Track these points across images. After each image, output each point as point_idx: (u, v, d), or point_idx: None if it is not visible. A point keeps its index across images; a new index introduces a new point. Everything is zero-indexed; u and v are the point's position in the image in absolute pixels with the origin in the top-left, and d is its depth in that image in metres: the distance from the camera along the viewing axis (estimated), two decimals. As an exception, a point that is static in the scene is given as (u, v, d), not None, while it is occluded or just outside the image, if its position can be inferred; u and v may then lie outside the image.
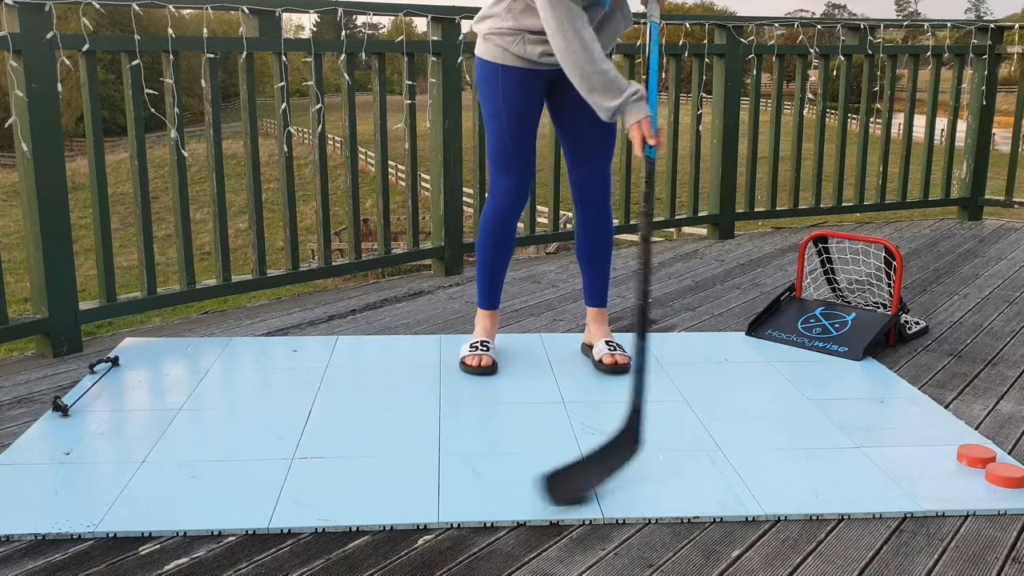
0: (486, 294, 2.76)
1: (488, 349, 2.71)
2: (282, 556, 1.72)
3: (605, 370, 2.65)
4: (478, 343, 2.72)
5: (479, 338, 2.75)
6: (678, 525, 1.84)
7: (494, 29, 2.51)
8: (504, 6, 2.49)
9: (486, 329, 2.77)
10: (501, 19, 2.49)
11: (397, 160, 15.31)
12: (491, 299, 2.77)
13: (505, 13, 2.48)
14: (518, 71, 2.52)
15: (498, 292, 2.77)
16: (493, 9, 2.52)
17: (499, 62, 2.53)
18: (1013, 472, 1.99)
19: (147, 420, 2.31)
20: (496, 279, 2.74)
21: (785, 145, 4.88)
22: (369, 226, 15.86)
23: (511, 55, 2.51)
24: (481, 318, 2.79)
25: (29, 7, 2.72)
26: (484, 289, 2.76)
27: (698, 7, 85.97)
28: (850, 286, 3.50)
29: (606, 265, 2.76)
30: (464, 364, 2.68)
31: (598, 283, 2.77)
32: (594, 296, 2.78)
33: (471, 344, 2.74)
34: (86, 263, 10.34)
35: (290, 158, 3.50)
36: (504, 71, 2.53)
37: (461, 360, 2.70)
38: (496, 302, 2.77)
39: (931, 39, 5.20)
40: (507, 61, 2.52)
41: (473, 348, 2.71)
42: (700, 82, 4.50)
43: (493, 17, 2.52)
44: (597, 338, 2.76)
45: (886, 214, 5.67)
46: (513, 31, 2.48)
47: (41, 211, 2.80)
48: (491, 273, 2.73)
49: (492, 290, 2.76)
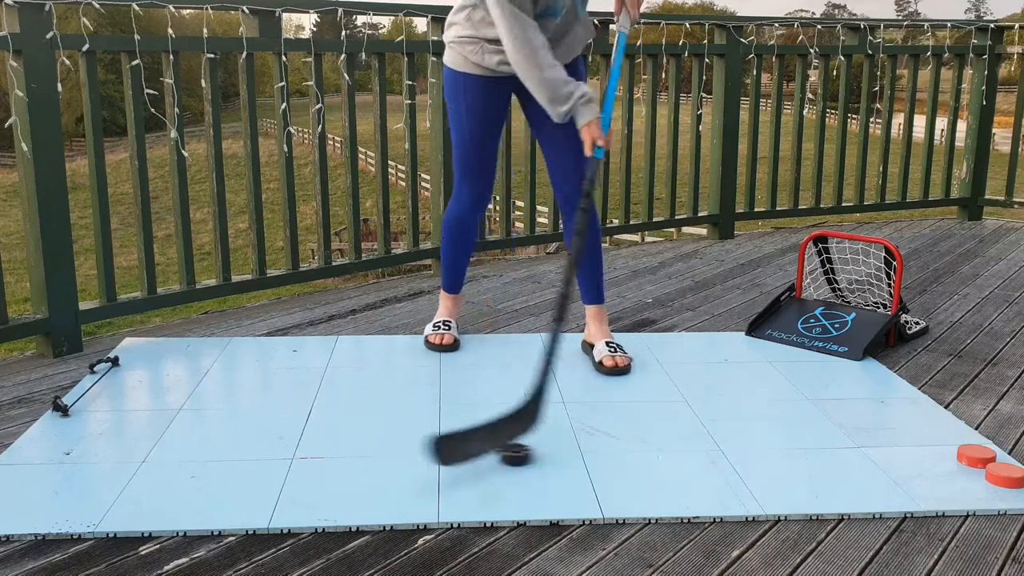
0: (449, 279, 2.97)
1: (450, 328, 2.91)
2: (282, 556, 1.72)
3: (605, 372, 2.67)
4: (440, 323, 2.93)
5: (442, 318, 2.96)
6: (678, 525, 1.84)
7: (455, 37, 2.58)
8: (464, 15, 2.55)
9: (448, 309, 2.99)
10: (462, 27, 2.56)
11: (397, 160, 15.31)
12: (453, 285, 2.98)
13: (465, 21, 2.55)
14: (479, 79, 2.60)
15: (460, 279, 2.98)
16: (455, 17, 2.59)
17: (461, 70, 2.60)
18: (1013, 472, 1.99)
19: (147, 420, 2.31)
20: (458, 269, 2.95)
21: (785, 145, 4.89)
22: (369, 226, 15.87)
23: (471, 63, 2.58)
24: (444, 300, 3.00)
25: (29, 7, 2.72)
26: (447, 275, 2.97)
27: (698, 7, 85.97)
28: (850, 286, 3.50)
29: (597, 261, 2.79)
30: (428, 342, 2.88)
31: (592, 280, 2.80)
32: (589, 293, 2.82)
33: (434, 324, 2.94)
34: (86, 263, 10.33)
35: (290, 158, 3.50)
36: (466, 79, 2.60)
37: (425, 338, 2.90)
38: (458, 287, 2.99)
39: (931, 39, 5.20)
40: (468, 69, 2.59)
41: (436, 327, 2.91)
42: (700, 82, 4.50)
43: (455, 25, 2.59)
44: (597, 338, 2.78)
45: (886, 214, 5.67)
46: (472, 39, 2.55)
47: (41, 211, 2.80)
48: (453, 264, 2.94)
49: (455, 277, 2.97)
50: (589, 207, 2.44)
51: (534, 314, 3.33)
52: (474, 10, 2.52)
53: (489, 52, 2.54)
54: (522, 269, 4.06)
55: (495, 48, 2.52)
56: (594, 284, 2.80)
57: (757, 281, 3.85)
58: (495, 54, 2.53)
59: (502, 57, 2.51)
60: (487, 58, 2.54)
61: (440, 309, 3.00)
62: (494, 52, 2.53)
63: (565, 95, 2.39)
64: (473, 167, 2.72)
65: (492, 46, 2.52)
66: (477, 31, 2.53)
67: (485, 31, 2.52)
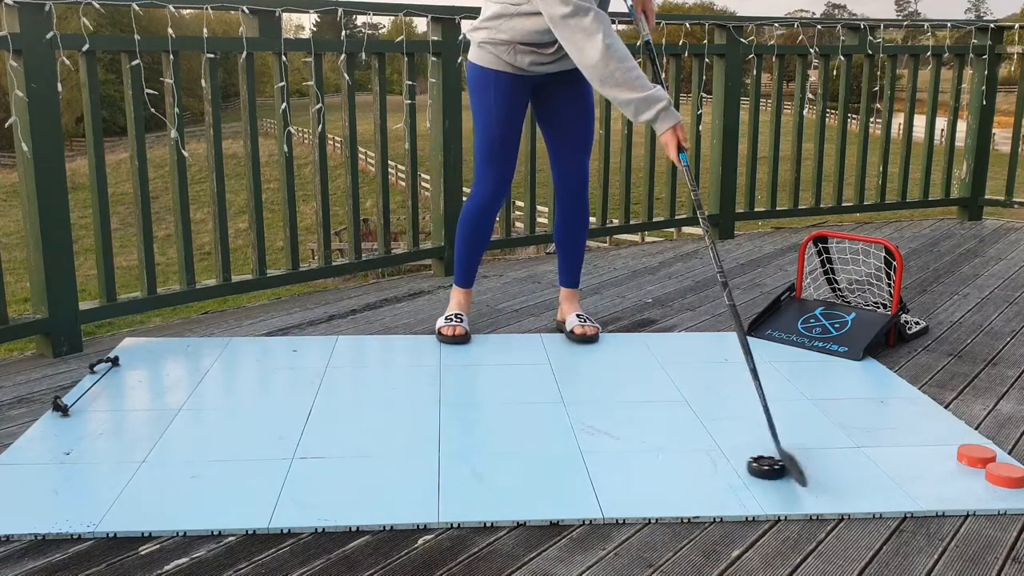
0: (463, 274, 3.07)
1: (462, 321, 3.00)
2: (282, 556, 1.72)
3: (575, 340, 2.94)
4: (453, 316, 3.02)
5: (453, 311, 3.05)
6: (678, 525, 1.84)
7: (488, 39, 2.75)
8: (499, 22, 2.71)
9: (460, 304, 3.08)
10: (496, 31, 2.73)
11: (397, 160, 15.30)
12: (467, 279, 3.08)
13: (499, 27, 2.72)
14: (509, 77, 2.79)
15: (473, 273, 3.09)
16: (487, 23, 2.75)
17: (492, 67, 2.78)
18: (1013, 472, 1.99)
19: (147, 420, 2.31)
20: (472, 263, 3.06)
21: (785, 145, 4.89)
22: (369, 226, 15.87)
23: (503, 62, 2.76)
24: (456, 294, 3.09)
25: (29, 7, 2.72)
26: (461, 270, 3.07)
27: (698, 7, 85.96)
28: (850, 286, 3.50)
29: (580, 251, 3.09)
30: (440, 334, 2.97)
31: (573, 266, 3.09)
32: (568, 278, 3.10)
33: (446, 316, 3.03)
34: (86, 263, 10.32)
35: (290, 158, 3.50)
36: (496, 76, 2.79)
37: (437, 331, 2.99)
38: (471, 281, 3.09)
39: (931, 39, 5.20)
40: (499, 67, 2.78)
41: (448, 320, 3.00)
42: (700, 82, 4.50)
43: (486, 30, 2.75)
44: (568, 313, 3.06)
45: (886, 214, 5.67)
46: (506, 43, 2.72)
47: (41, 211, 2.80)
48: (468, 258, 3.04)
49: (468, 272, 3.07)
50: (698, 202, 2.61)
51: (534, 314, 3.33)
52: (509, 19, 2.69)
53: (522, 53, 2.73)
54: (522, 269, 4.06)
55: (528, 49, 2.72)
56: (574, 269, 3.09)
57: (757, 281, 3.85)
58: (527, 54, 2.73)
59: (534, 58, 2.73)
60: (519, 59, 2.73)
61: (451, 303, 3.09)
62: (527, 53, 2.73)
63: (654, 99, 2.51)
64: (497, 157, 2.86)
65: (524, 47, 2.72)
66: (512, 36, 2.70)
67: (521, 36, 2.70)
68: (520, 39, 2.71)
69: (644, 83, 2.51)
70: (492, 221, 3.01)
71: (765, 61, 4.75)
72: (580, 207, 3.00)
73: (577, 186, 2.96)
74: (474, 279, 3.10)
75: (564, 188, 2.97)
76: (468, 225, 2.98)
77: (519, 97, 2.82)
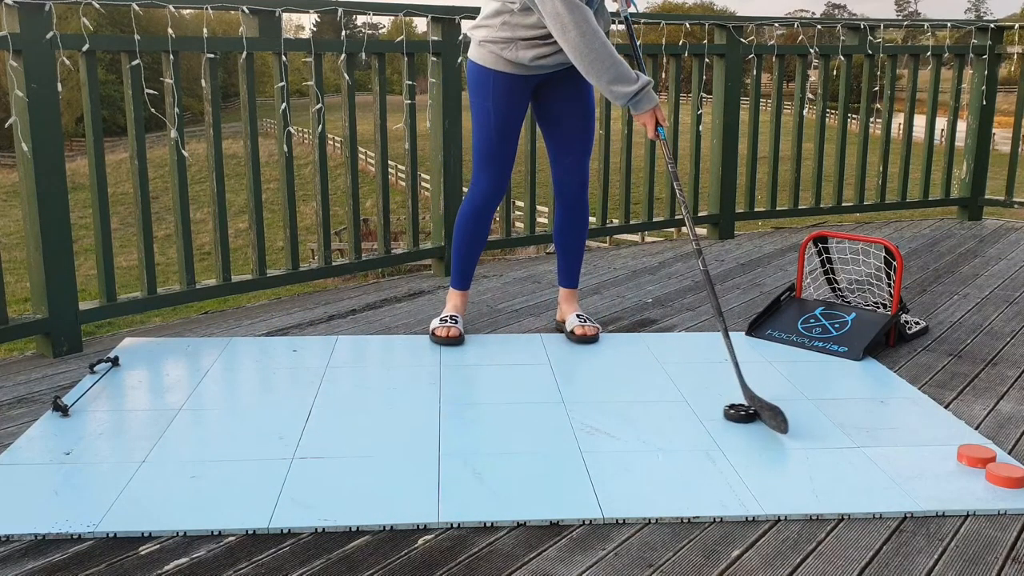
0: (459, 276, 3.07)
1: (456, 322, 2.99)
2: (282, 556, 1.72)
3: (576, 340, 2.95)
4: (447, 317, 3.02)
5: (449, 313, 3.05)
6: (678, 525, 1.84)
7: (488, 37, 2.75)
8: (501, 20, 2.72)
9: (456, 306, 3.08)
10: (496, 29, 2.73)
11: (397, 160, 15.31)
12: (463, 281, 3.08)
13: (501, 25, 2.72)
14: (508, 76, 2.78)
15: (470, 275, 3.09)
16: (488, 21, 2.75)
17: (491, 67, 2.77)
18: (1013, 472, 1.99)
19: (147, 420, 2.31)
20: (469, 265, 3.06)
21: (785, 145, 4.89)
22: (369, 226, 15.88)
23: (503, 60, 2.75)
24: (452, 296, 3.09)
25: (29, 7, 2.72)
26: (457, 272, 3.07)
27: (698, 7, 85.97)
28: (850, 286, 3.50)
29: (580, 251, 3.09)
30: (434, 335, 2.96)
31: (572, 267, 3.10)
32: (568, 278, 3.11)
33: (441, 317, 3.02)
34: (86, 263, 10.33)
35: (290, 158, 3.50)
36: (495, 76, 2.78)
37: (431, 331, 2.98)
38: (467, 284, 3.09)
39: (931, 39, 5.20)
40: (499, 67, 2.77)
41: (443, 321, 2.99)
42: (700, 82, 4.50)
43: (487, 28, 2.76)
44: (568, 313, 3.07)
45: (886, 214, 5.68)
46: (507, 40, 2.72)
47: (41, 211, 2.80)
48: (465, 260, 3.04)
49: (464, 274, 3.07)
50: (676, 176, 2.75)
51: (534, 314, 3.33)
52: (511, 15, 2.69)
53: (523, 48, 2.71)
54: (522, 269, 4.06)
55: (528, 44, 2.71)
56: (574, 270, 3.10)
57: (757, 281, 3.85)
58: (529, 49, 2.71)
59: (536, 52, 2.71)
60: (520, 54, 2.72)
61: (448, 305, 3.09)
62: (528, 47, 2.71)
63: (630, 80, 2.59)
64: (495, 157, 2.87)
65: (525, 43, 2.71)
66: (513, 33, 2.71)
67: (520, 32, 2.70)
68: (520, 35, 2.71)
69: (626, 68, 2.59)
70: (489, 221, 3.00)
71: (765, 61, 4.75)
72: (580, 207, 3.01)
73: (577, 186, 2.97)
74: (471, 281, 3.10)
75: (564, 188, 2.98)
76: (465, 225, 2.99)
77: (519, 97, 2.82)
